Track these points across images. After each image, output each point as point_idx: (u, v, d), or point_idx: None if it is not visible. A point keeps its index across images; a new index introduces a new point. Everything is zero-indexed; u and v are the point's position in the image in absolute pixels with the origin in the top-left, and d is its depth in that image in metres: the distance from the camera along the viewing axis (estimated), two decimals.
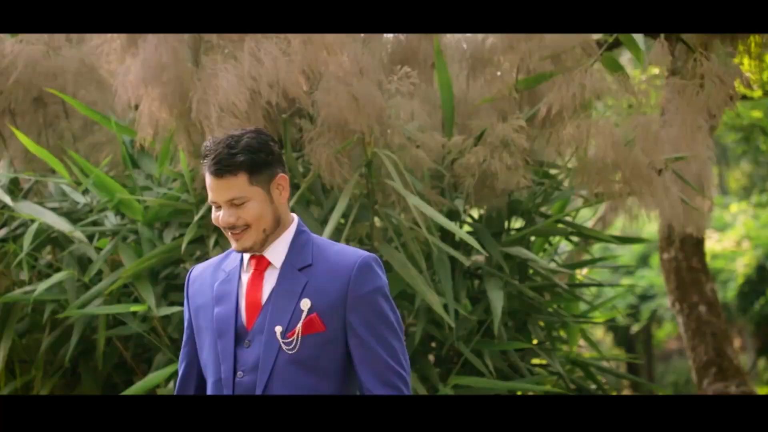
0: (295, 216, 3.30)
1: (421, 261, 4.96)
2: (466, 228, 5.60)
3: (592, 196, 5.46)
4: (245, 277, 3.27)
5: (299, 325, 3.15)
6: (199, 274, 3.40)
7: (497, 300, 5.10)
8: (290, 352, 3.15)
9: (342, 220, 5.27)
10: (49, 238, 5.45)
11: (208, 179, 3.20)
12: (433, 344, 5.56)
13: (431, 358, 5.50)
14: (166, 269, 5.40)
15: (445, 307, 5.03)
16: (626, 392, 13.19)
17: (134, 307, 5.06)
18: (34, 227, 5.22)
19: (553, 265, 5.70)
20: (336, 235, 5.15)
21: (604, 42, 5.45)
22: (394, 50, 5.60)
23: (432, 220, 4.95)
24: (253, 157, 3.18)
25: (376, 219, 5.13)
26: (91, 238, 5.42)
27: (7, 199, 5.24)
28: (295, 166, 5.32)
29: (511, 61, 5.48)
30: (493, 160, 5.19)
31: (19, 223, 5.55)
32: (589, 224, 8.46)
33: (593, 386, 5.91)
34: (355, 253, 3.22)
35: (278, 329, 3.16)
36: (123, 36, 5.30)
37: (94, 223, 5.47)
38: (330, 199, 5.40)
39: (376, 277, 3.19)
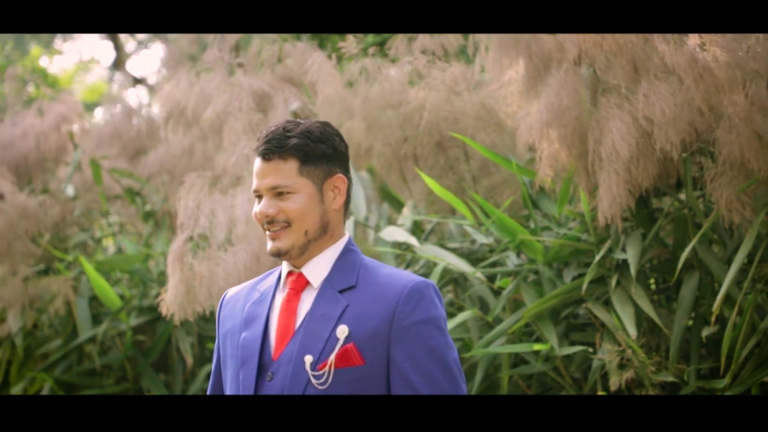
0: (347, 232, 2.86)
1: None
2: None
3: None
4: (279, 298, 2.82)
5: (332, 356, 2.67)
6: (233, 296, 2.96)
7: None
8: (320, 388, 2.66)
9: (746, 260, 5.12)
10: (450, 278, 5.62)
11: (256, 164, 2.77)
12: None
13: None
14: (567, 309, 5.41)
15: None
16: None
17: (537, 346, 5.10)
18: (439, 269, 5.38)
19: None
20: (741, 276, 5.00)
21: None
22: None
23: None
24: (309, 143, 2.74)
25: None
26: (491, 278, 5.54)
27: (414, 241, 5.44)
28: (696, 205, 5.22)
29: None
30: None
31: (422, 264, 5.76)
32: None
33: None
34: (407, 276, 2.74)
35: (308, 359, 2.68)
36: (522, 80, 5.42)
37: (495, 264, 5.59)
38: (734, 239, 5.25)
39: (430, 306, 2.70)
